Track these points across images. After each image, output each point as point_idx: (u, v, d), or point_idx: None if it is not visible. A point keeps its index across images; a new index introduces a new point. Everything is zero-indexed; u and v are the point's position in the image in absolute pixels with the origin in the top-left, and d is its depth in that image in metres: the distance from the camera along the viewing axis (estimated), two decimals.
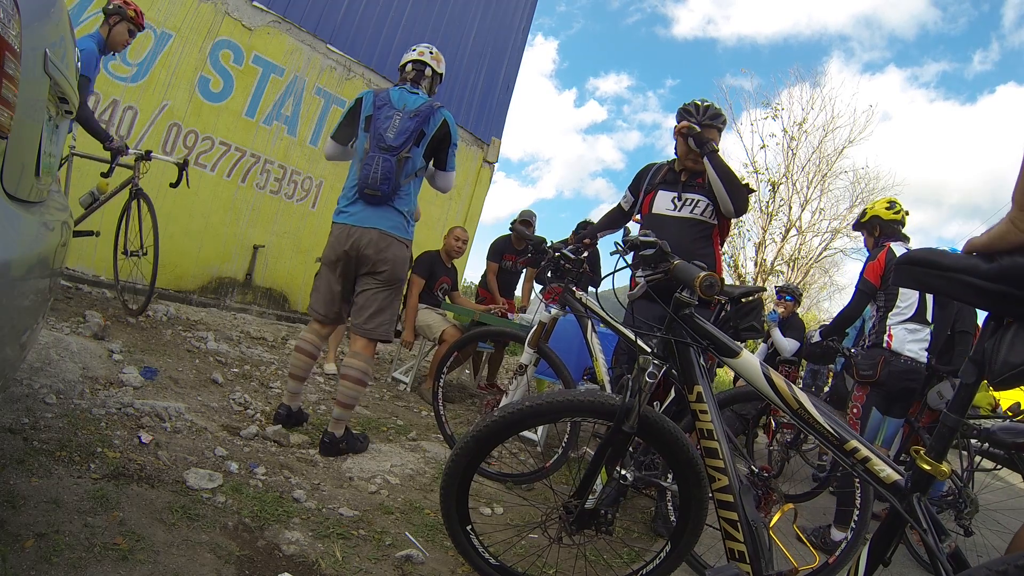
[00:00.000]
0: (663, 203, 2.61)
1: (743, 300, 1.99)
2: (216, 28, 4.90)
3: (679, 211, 2.57)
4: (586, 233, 2.97)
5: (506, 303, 4.84)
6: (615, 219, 2.93)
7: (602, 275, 5.18)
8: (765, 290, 2.19)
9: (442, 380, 2.90)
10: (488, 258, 4.99)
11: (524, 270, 5.14)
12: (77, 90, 2.95)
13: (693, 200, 2.55)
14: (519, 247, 4.87)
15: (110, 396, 2.22)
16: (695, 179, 2.57)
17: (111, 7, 3.21)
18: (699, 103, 2.59)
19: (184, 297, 5.01)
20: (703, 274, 1.34)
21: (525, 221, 4.97)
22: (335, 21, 5.74)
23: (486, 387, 3.25)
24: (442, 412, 2.87)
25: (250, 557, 1.47)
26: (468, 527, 1.57)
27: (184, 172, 3.49)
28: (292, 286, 5.84)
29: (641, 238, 1.61)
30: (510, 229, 4.91)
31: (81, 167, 3.72)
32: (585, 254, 2.68)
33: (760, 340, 5.34)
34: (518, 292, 5.47)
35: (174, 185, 3.34)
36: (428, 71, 2.53)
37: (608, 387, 2.42)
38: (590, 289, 2.53)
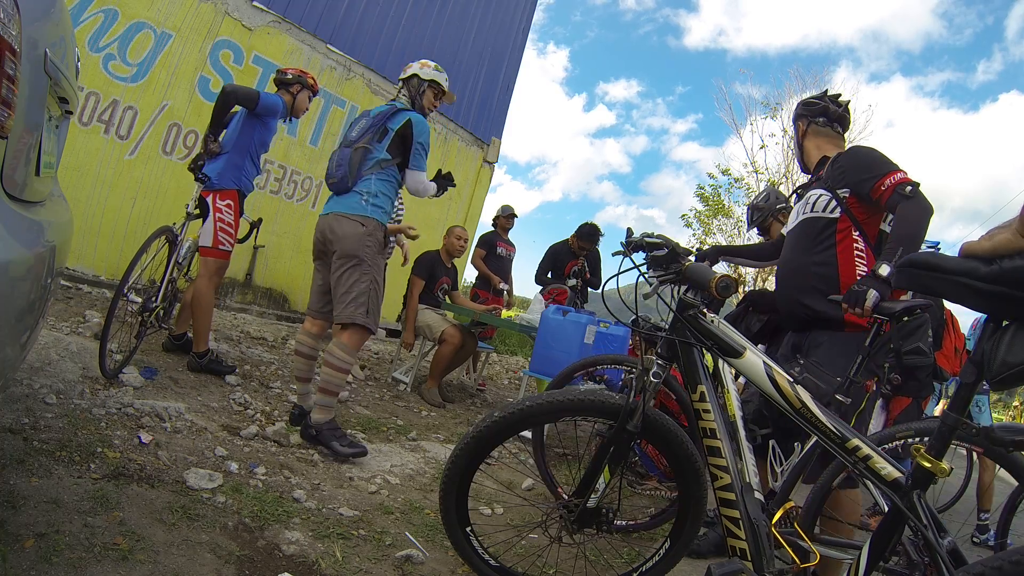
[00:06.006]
0: (792, 219, 2.13)
1: (905, 319, 1.61)
2: (216, 28, 4.91)
3: (796, 219, 2.08)
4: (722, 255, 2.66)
5: (496, 301, 4.92)
6: (768, 250, 2.43)
7: (602, 277, 5.20)
8: (931, 304, 1.80)
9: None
10: (477, 246, 5.23)
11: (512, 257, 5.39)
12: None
13: (809, 199, 2.03)
14: (505, 234, 5.28)
15: (110, 396, 2.22)
16: (817, 173, 2.11)
17: (290, 77, 3.28)
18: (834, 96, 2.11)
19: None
20: (719, 275, 1.33)
21: (650, 241, 4.94)
22: (335, 21, 5.74)
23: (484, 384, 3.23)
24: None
25: (250, 557, 1.47)
26: (468, 528, 1.56)
27: (256, 231, 3.42)
28: (292, 286, 5.84)
29: (646, 239, 1.59)
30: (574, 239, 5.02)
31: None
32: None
33: None
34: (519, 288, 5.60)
35: (242, 241, 3.28)
36: (406, 78, 2.61)
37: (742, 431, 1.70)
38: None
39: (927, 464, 1.00)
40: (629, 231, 1.67)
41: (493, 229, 5.37)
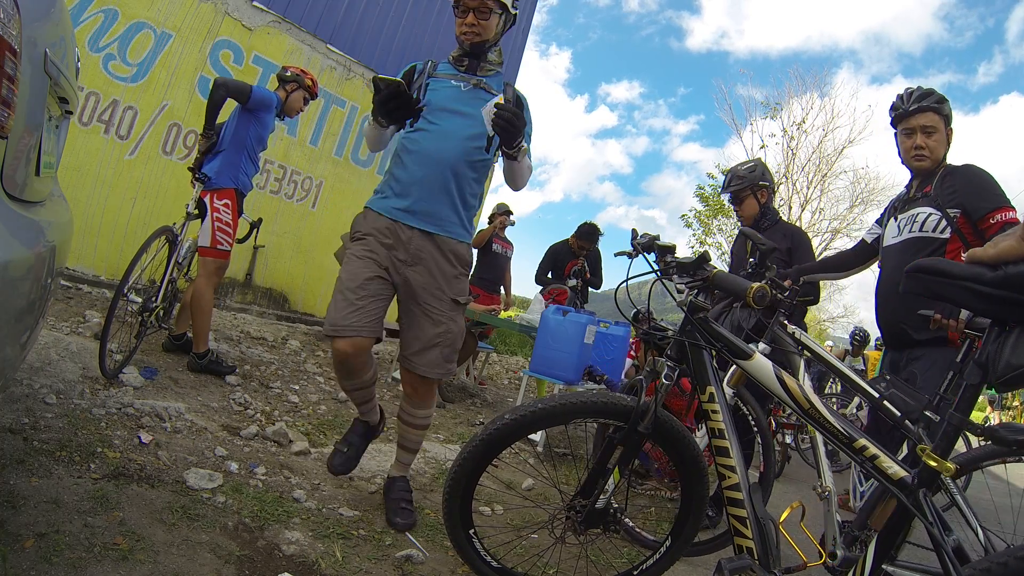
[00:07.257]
0: (891, 232, 2.14)
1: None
2: (216, 28, 4.91)
3: (900, 235, 2.08)
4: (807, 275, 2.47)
5: (493, 300, 4.92)
6: (849, 259, 2.39)
7: (603, 276, 5.20)
8: None
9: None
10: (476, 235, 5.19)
11: (510, 255, 5.29)
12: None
13: (915, 216, 2.02)
14: (502, 231, 5.21)
15: (110, 396, 2.21)
16: (923, 188, 2.09)
17: (289, 75, 3.25)
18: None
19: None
20: (756, 285, 1.33)
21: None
22: (335, 21, 5.74)
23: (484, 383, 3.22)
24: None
25: (250, 557, 1.46)
26: (471, 531, 1.55)
27: (255, 230, 3.40)
28: (292, 286, 5.84)
29: (658, 243, 1.59)
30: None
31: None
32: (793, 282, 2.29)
33: None
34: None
35: (241, 241, 3.28)
36: None
37: (821, 447, 1.96)
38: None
39: (933, 463, 1.01)
40: (634, 232, 1.67)
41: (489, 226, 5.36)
